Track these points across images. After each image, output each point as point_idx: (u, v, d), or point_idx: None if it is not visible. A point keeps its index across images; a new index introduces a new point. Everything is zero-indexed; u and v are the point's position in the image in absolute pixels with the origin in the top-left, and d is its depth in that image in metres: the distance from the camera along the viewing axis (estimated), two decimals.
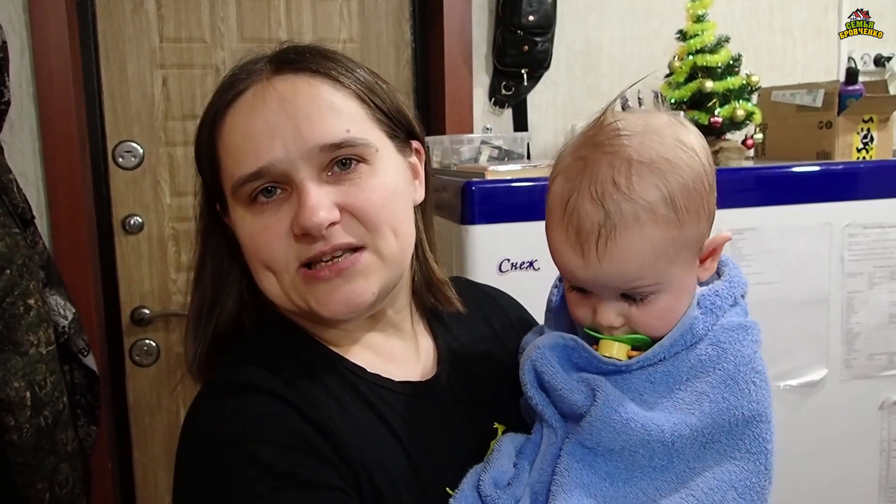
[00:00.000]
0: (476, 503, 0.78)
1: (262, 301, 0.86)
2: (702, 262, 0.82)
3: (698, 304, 0.80)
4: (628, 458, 0.76)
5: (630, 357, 0.78)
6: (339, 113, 0.79)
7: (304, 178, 0.77)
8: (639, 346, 0.79)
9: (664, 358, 0.79)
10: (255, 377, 0.78)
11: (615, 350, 0.78)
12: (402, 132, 0.87)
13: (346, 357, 0.84)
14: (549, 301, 0.90)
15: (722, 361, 0.77)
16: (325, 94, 0.80)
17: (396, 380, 0.85)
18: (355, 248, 0.79)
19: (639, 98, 1.91)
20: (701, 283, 0.84)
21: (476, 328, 0.98)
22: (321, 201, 0.76)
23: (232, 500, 0.70)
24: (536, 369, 0.81)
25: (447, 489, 0.80)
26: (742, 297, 0.83)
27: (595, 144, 0.76)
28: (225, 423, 0.74)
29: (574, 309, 0.82)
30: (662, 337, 0.79)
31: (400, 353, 0.89)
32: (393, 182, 0.82)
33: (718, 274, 0.85)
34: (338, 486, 0.73)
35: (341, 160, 0.79)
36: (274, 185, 0.78)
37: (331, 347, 0.85)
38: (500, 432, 0.88)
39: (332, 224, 0.77)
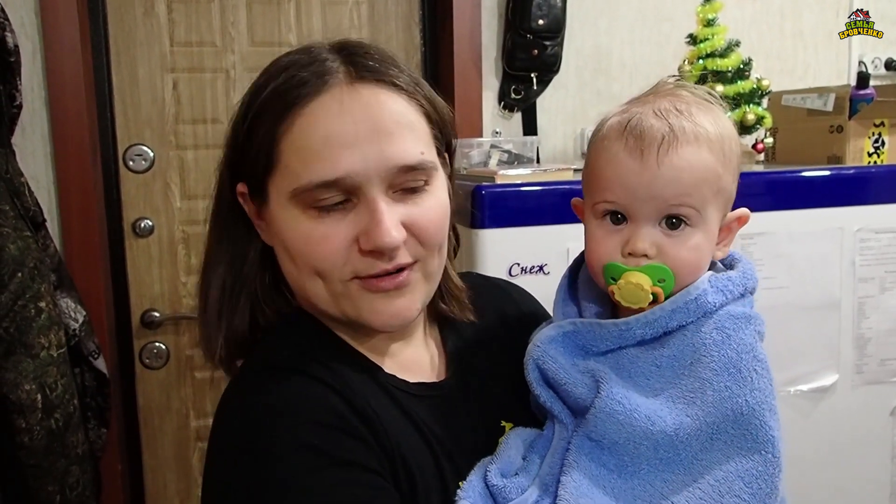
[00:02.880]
0: (484, 493, 0.79)
1: (279, 299, 0.87)
2: (719, 232, 0.84)
3: (709, 283, 0.81)
4: (633, 451, 0.76)
5: (653, 292, 0.78)
6: (415, 133, 0.80)
7: (376, 194, 0.77)
8: (661, 285, 0.79)
9: (666, 329, 0.79)
10: (293, 360, 0.79)
11: (640, 278, 0.78)
12: (444, 147, 0.87)
13: (366, 355, 0.86)
14: (557, 294, 0.91)
15: (724, 347, 0.77)
16: (405, 111, 0.80)
17: (411, 381, 0.86)
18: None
19: None
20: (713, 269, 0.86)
21: (487, 326, 0.98)
22: (394, 220, 0.77)
23: (271, 478, 0.70)
24: (539, 366, 0.83)
25: (459, 483, 0.80)
26: (751, 291, 0.84)
27: (654, 93, 0.84)
28: (265, 402, 0.75)
29: (600, 244, 0.82)
30: (683, 283, 0.80)
31: (413, 360, 0.90)
32: (445, 200, 0.84)
33: (732, 267, 0.86)
34: (374, 467, 0.74)
35: (410, 180, 0.79)
36: (342, 195, 0.77)
37: (351, 345, 0.86)
38: (507, 430, 0.89)
39: None
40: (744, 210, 0.86)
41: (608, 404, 0.76)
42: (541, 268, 1.54)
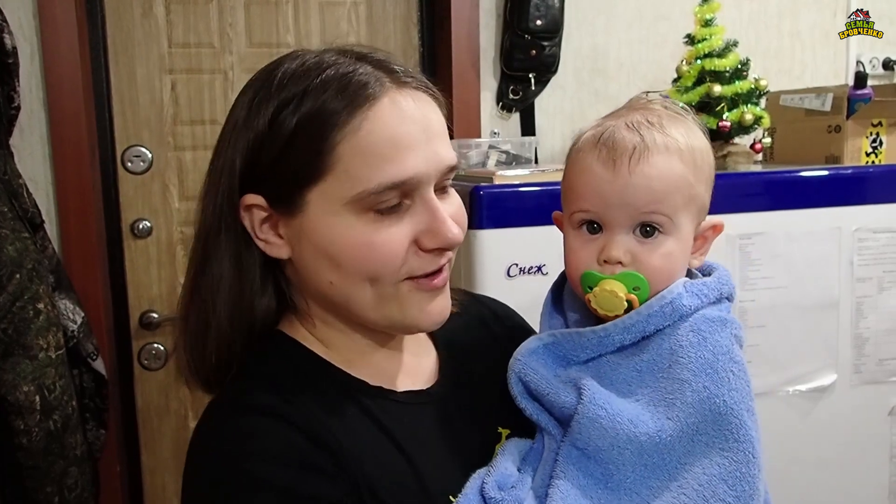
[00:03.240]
0: None
1: (274, 317, 0.86)
2: (695, 241, 0.86)
3: (684, 287, 0.82)
4: (618, 458, 0.77)
5: (628, 300, 0.80)
6: (447, 135, 0.83)
7: (433, 194, 0.79)
8: (635, 292, 0.81)
9: (644, 333, 0.80)
10: (258, 397, 0.79)
11: (615, 286, 0.80)
12: None
13: (349, 372, 0.85)
14: (543, 308, 0.92)
15: (700, 349, 0.78)
16: (440, 115, 0.82)
17: (399, 390, 0.86)
18: None
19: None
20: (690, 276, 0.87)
21: (476, 334, 0.99)
22: (449, 217, 0.79)
23: None
24: (522, 379, 0.84)
25: (451, 498, 0.80)
26: (729, 298, 0.86)
27: (627, 107, 0.87)
28: (225, 442, 0.75)
29: (577, 253, 0.85)
30: (657, 290, 0.82)
31: (403, 364, 0.90)
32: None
33: (708, 275, 0.88)
34: (339, 499, 0.74)
35: (446, 180, 0.82)
36: (398, 198, 0.77)
37: (335, 364, 0.85)
38: (504, 437, 0.89)
39: None
40: (718, 219, 0.88)
41: (591, 409, 0.77)
42: (539, 268, 1.54)
